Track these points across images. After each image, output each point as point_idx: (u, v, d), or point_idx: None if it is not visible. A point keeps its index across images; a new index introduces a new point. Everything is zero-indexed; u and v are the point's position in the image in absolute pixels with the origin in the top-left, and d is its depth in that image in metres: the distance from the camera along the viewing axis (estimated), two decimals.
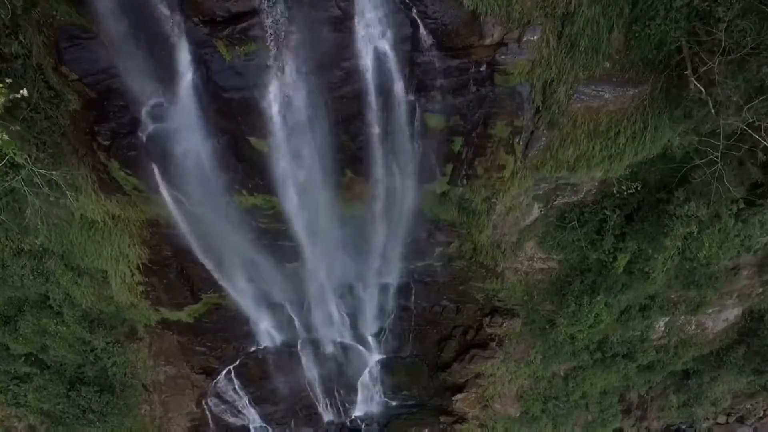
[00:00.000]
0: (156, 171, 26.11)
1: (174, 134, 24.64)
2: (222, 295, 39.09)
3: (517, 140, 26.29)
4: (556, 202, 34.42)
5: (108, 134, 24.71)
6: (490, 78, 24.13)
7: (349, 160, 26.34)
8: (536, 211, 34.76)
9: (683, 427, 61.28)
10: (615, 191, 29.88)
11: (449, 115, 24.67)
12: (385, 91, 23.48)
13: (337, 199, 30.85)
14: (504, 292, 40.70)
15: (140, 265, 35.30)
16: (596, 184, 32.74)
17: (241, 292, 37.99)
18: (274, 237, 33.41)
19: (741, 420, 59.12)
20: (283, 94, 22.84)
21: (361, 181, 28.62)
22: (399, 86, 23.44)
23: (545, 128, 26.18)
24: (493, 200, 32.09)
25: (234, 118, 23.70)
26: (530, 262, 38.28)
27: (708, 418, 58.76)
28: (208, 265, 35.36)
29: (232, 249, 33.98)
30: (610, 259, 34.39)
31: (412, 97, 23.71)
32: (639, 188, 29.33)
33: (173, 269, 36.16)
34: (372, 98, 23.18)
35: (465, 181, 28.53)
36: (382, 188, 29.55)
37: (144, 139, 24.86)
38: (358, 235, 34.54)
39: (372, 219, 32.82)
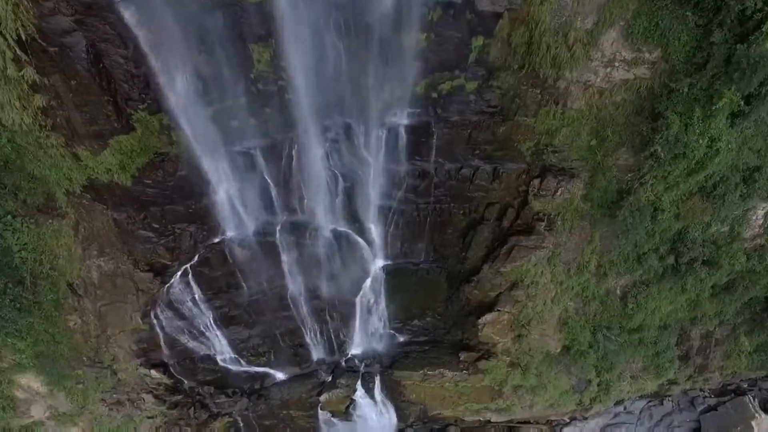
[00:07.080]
0: None
1: None
2: (164, 125, 24.11)
3: None
4: None
5: None
6: None
7: None
8: None
9: (744, 385, 45.35)
10: None
11: None
12: None
13: None
14: (563, 134, 26.22)
15: (25, 39, 20.20)
16: None
17: (184, 103, 22.80)
18: None
19: None
20: None
21: None
22: None
23: None
24: None
25: None
26: (608, 69, 23.75)
27: None
28: (132, 40, 20.35)
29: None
30: (752, 25, 19.43)
31: None
32: None
33: (81, 53, 21.35)
34: None
35: None
36: None
37: None
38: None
39: None
